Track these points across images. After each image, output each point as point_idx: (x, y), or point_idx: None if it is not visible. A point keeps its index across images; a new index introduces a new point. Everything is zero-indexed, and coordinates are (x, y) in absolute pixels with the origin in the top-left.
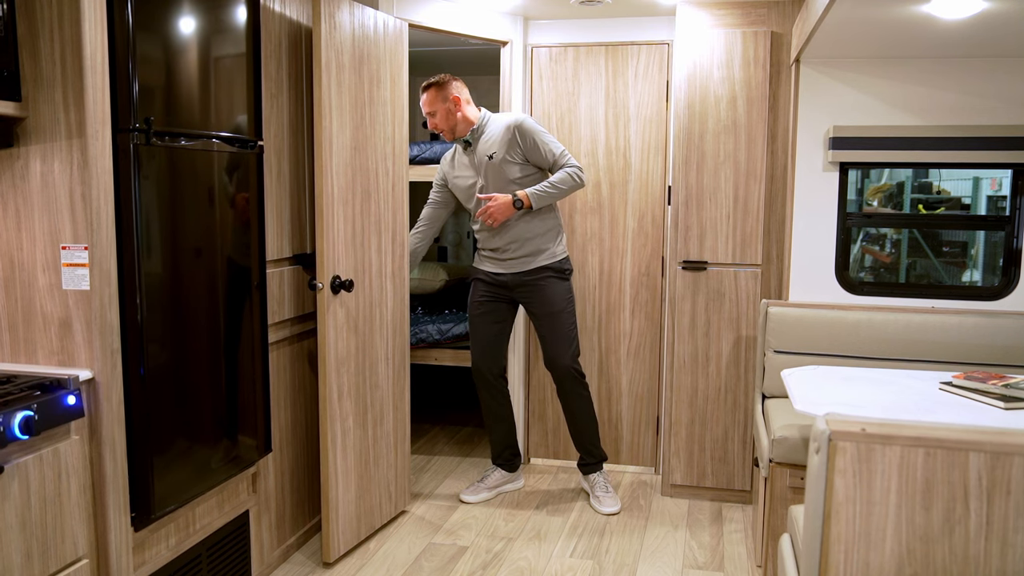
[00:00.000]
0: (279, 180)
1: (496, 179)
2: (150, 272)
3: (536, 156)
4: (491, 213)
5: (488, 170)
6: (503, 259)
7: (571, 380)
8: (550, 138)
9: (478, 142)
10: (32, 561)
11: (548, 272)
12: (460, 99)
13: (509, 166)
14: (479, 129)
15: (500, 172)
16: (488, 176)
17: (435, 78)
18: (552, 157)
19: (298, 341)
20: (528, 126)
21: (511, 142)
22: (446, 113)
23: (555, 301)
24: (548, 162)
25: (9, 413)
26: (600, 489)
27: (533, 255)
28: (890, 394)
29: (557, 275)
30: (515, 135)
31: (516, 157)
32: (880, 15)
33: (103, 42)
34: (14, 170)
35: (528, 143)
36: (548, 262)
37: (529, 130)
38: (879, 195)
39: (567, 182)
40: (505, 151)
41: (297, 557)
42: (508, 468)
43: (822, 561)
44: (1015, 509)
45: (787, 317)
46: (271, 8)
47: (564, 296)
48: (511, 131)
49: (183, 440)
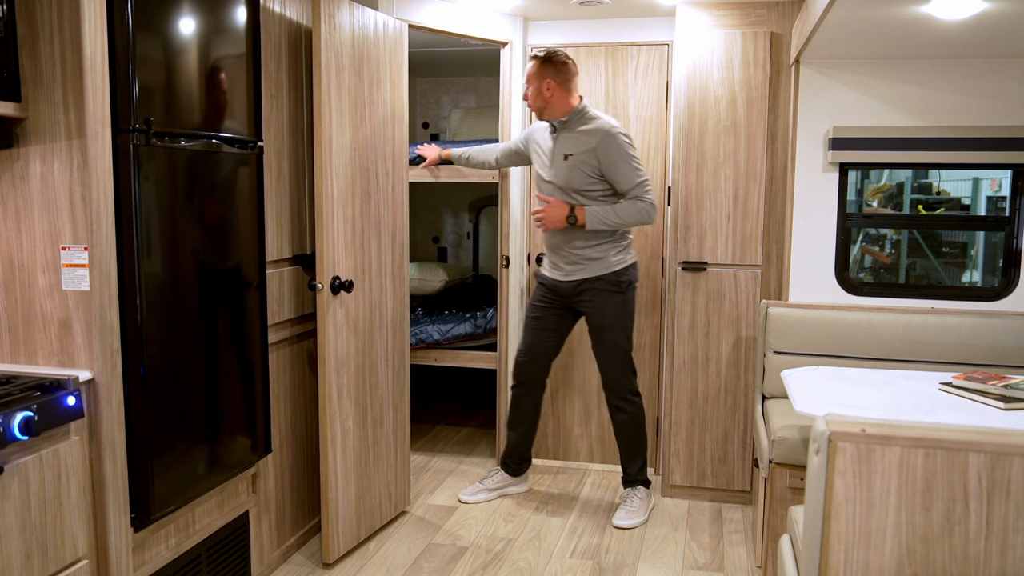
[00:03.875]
0: (279, 180)
1: (563, 180)
2: (150, 273)
3: (611, 176)
4: (543, 219)
5: (560, 168)
6: (557, 263)
7: (614, 397)
8: (634, 164)
9: (562, 134)
10: (32, 562)
11: (600, 284)
12: (556, 86)
13: (580, 175)
14: (569, 122)
15: (569, 176)
16: (558, 174)
17: (543, 52)
18: (627, 185)
19: (298, 342)
20: (614, 142)
21: (591, 151)
22: (537, 92)
23: (604, 315)
24: (622, 188)
25: (9, 414)
26: (625, 503)
27: (586, 263)
28: (890, 395)
29: (610, 287)
30: (598, 146)
31: (590, 169)
32: (880, 16)
33: (103, 42)
34: (14, 171)
35: (606, 159)
36: (602, 272)
37: (614, 147)
38: (879, 196)
39: (631, 215)
40: (582, 158)
41: (297, 558)
42: (511, 472)
43: (822, 562)
44: (1015, 509)
45: (787, 318)
46: (271, 8)
47: (616, 311)
48: (596, 140)
49: (183, 441)
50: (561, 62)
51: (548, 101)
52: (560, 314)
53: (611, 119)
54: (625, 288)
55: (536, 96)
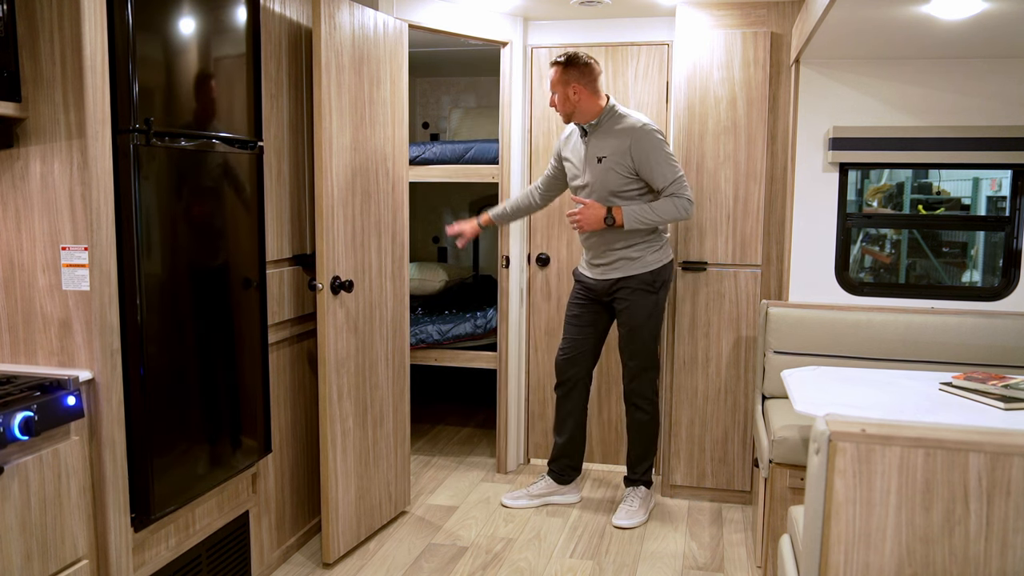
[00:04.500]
0: (279, 180)
1: (599, 184)
2: (150, 273)
3: (646, 174)
4: (579, 221)
5: (593, 171)
6: (594, 263)
7: (635, 396)
8: (669, 159)
9: (593, 136)
10: (32, 562)
11: (635, 283)
12: (582, 88)
13: (615, 176)
14: (599, 124)
15: (605, 179)
16: (592, 177)
17: (563, 56)
18: (663, 182)
19: (298, 342)
20: (648, 139)
21: (625, 151)
22: (564, 98)
23: (635, 314)
24: (658, 185)
25: (9, 414)
26: (625, 503)
27: (622, 262)
28: (890, 395)
29: (645, 287)
30: (631, 145)
31: (625, 170)
32: (880, 16)
33: (103, 42)
34: (14, 171)
35: (641, 157)
36: (637, 271)
37: (647, 144)
38: (879, 196)
39: (669, 212)
40: (616, 159)
41: (297, 558)
42: (558, 480)
43: (822, 562)
44: (1015, 510)
45: (787, 318)
46: (271, 8)
47: (647, 311)
48: (628, 138)
49: (183, 441)
50: (584, 64)
51: (576, 105)
52: (597, 311)
53: (642, 116)
54: (659, 288)
55: (564, 102)
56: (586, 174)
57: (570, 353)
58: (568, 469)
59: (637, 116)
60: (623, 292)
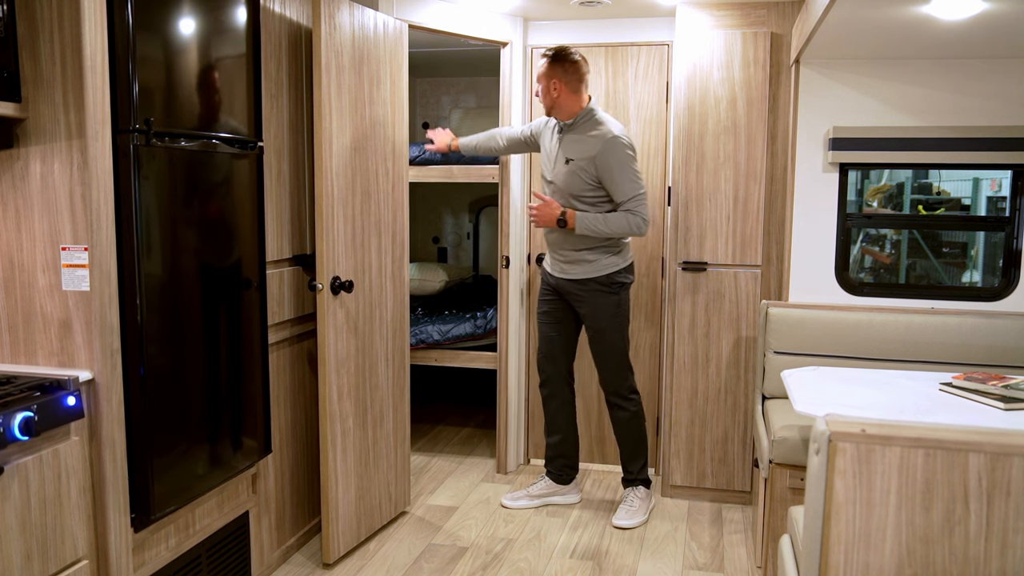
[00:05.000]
0: (279, 181)
1: (563, 184)
2: (150, 273)
3: (608, 185)
4: (535, 216)
5: (561, 172)
6: (555, 259)
7: (612, 396)
8: (631, 176)
9: (567, 137)
10: (32, 562)
11: (593, 284)
12: (563, 86)
13: (579, 180)
14: (574, 125)
15: (569, 180)
16: (558, 177)
17: (552, 50)
18: (622, 197)
19: (298, 342)
20: (615, 152)
21: (591, 159)
22: (545, 91)
23: (597, 316)
24: (616, 199)
25: (9, 414)
26: (624, 503)
27: (579, 264)
28: (890, 395)
29: (603, 288)
30: (598, 154)
31: (588, 176)
32: (880, 16)
33: (103, 42)
34: (14, 171)
35: (604, 168)
36: (593, 275)
37: (614, 156)
38: (879, 196)
39: (621, 227)
40: (582, 164)
41: (297, 558)
42: (556, 480)
43: (822, 562)
44: (1015, 510)
45: (787, 318)
46: (271, 9)
47: (609, 312)
48: (597, 147)
49: (183, 441)
50: (571, 61)
51: (555, 101)
52: (564, 308)
53: (616, 125)
54: (618, 289)
55: (545, 95)
56: (554, 171)
57: (544, 351)
58: (566, 468)
59: (611, 126)
60: (583, 295)
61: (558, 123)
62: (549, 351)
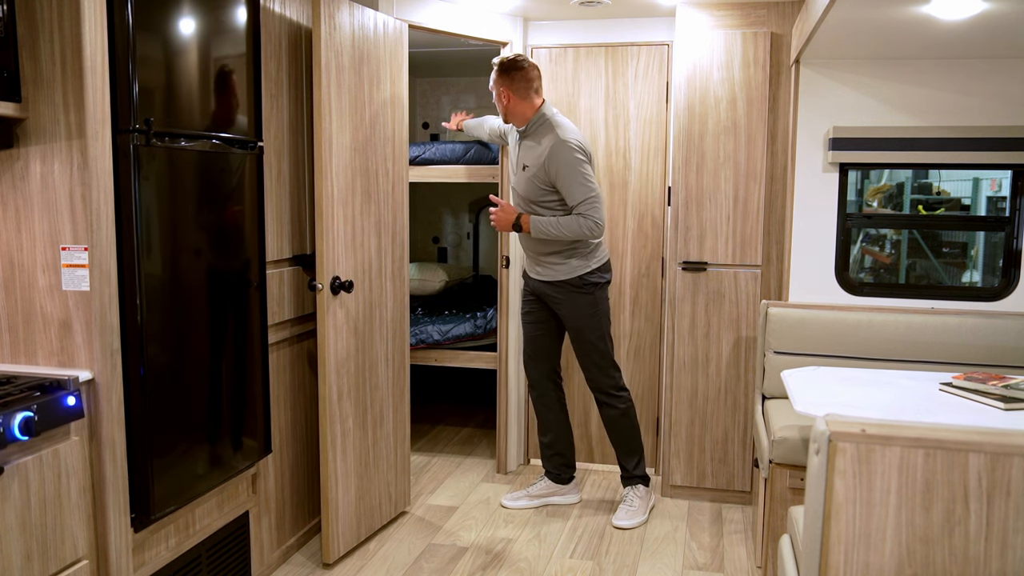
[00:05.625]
0: (279, 181)
1: (521, 190)
2: (150, 273)
3: (559, 189)
4: (494, 220)
5: (519, 179)
6: (530, 263)
7: (599, 394)
8: (580, 180)
9: (523, 143)
10: (32, 562)
11: (567, 286)
12: (510, 94)
13: (535, 187)
14: (527, 131)
15: (527, 187)
16: (518, 184)
17: (499, 59)
18: (573, 201)
19: (298, 342)
20: (563, 155)
21: (542, 164)
22: (497, 98)
23: (575, 316)
24: (569, 203)
25: (9, 414)
26: (624, 503)
27: (551, 267)
28: (890, 395)
29: (577, 289)
30: (547, 159)
31: (541, 182)
32: (880, 16)
33: (103, 43)
34: (14, 171)
35: (553, 172)
36: (564, 277)
37: (562, 160)
38: (879, 196)
39: (573, 230)
40: (535, 170)
41: (297, 558)
42: (555, 479)
43: (822, 562)
44: (1015, 510)
45: (787, 318)
46: (271, 9)
47: (586, 311)
48: (547, 151)
49: (183, 441)
50: (517, 69)
51: (507, 108)
52: (544, 309)
53: (568, 129)
54: (592, 289)
55: (497, 103)
56: (515, 178)
57: (528, 352)
58: (563, 467)
59: (562, 130)
60: (559, 296)
61: (516, 129)
62: (533, 352)
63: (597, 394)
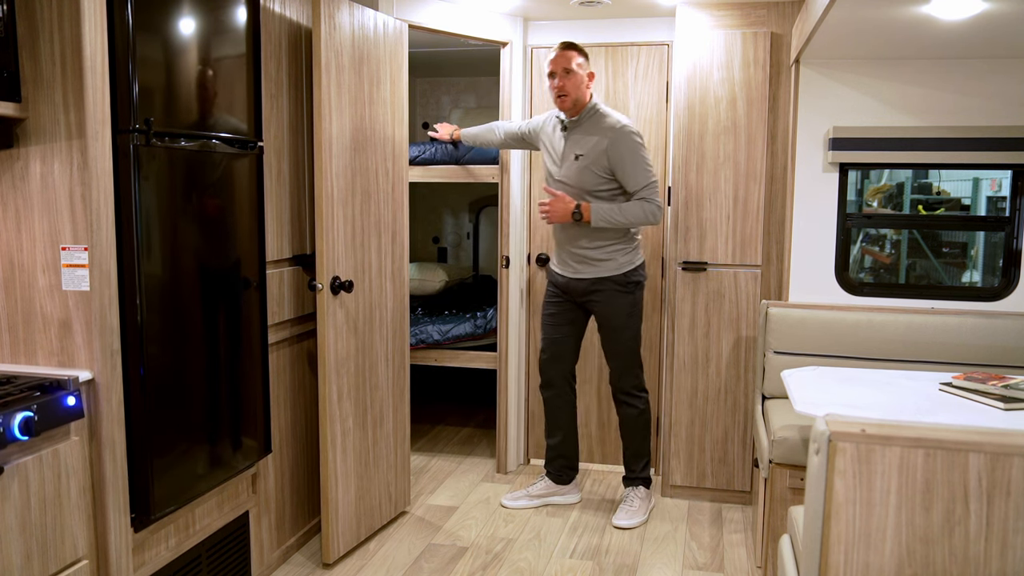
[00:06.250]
0: (279, 181)
1: (574, 181)
2: (150, 273)
3: (621, 176)
4: (548, 212)
5: (569, 168)
6: (566, 260)
7: (621, 394)
8: (643, 165)
9: (573, 132)
10: (32, 562)
11: (609, 284)
12: (591, 79)
13: (591, 175)
14: (580, 121)
15: (580, 177)
16: (568, 175)
17: (568, 43)
18: (635, 186)
19: (298, 342)
20: (626, 141)
21: (603, 151)
22: (579, 82)
23: (613, 315)
24: (630, 188)
25: (9, 414)
26: (625, 503)
27: (595, 263)
28: (890, 395)
29: (620, 288)
30: (608, 145)
31: (601, 169)
32: (880, 16)
33: (103, 43)
34: (14, 171)
35: (617, 158)
36: (610, 273)
37: (624, 146)
38: (879, 196)
39: (637, 216)
40: (593, 158)
41: (297, 558)
42: (556, 480)
43: (822, 562)
44: (1015, 510)
45: (787, 318)
46: (271, 9)
47: (625, 311)
48: (607, 138)
49: (183, 441)
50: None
51: (580, 93)
52: (573, 310)
53: (623, 116)
54: (634, 288)
55: (577, 87)
56: (562, 169)
57: (549, 352)
58: (565, 469)
59: (618, 116)
60: (598, 294)
61: (561, 122)
62: (555, 353)
63: (619, 394)
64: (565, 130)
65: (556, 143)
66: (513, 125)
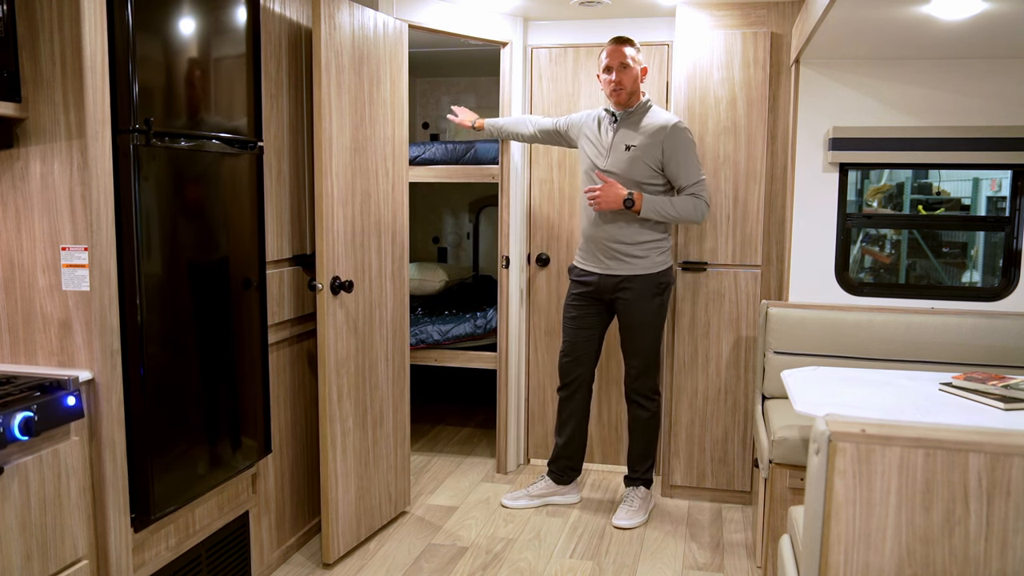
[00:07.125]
0: (279, 181)
1: (625, 172)
2: (150, 273)
3: (672, 170)
4: (598, 198)
5: (619, 159)
6: (597, 255)
7: (636, 395)
8: (696, 161)
9: (624, 125)
10: (32, 562)
11: (640, 283)
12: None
13: (643, 167)
14: (633, 113)
15: (630, 167)
16: (617, 164)
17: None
18: (687, 181)
19: (298, 342)
20: (682, 137)
21: (657, 144)
22: (634, 76)
23: (640, 314)
24: (680, 183)
25: (9, 414)
26: (625, 503)
27: (629, 260)
28: (890, 395)
29: (651, 288)
30: (664, 139)
31: (653, 162)
32: (880, 16)
33: (103, 43)
34: (14, 171)
35: (671, 153)
36: (644, 272)
37: (680, 141)
38: (879, 196)
39: (687, 210)
40: (646, 150)
41: (297, 558)
42: (557, 480)
43: (822, 562)
44: (1015, 510)
45: (787, 318)
46: (271, 9)
47: (652, 311)
48: (663, 133)
49: (183, 441)
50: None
51: (634, 86)
52: (597, 312)
53: (674, 114)
54: (664, 290)
55: (633, 80)
56: (609, 160)
57: (572, 355)
58: (568, 470)
59: (669, 113)
60: (627, 292)
61: (610, 115)
62: (579, 355)
63: (634, 395)
64: (615, 122)
65: (604, 135)
66: (547, 121)
